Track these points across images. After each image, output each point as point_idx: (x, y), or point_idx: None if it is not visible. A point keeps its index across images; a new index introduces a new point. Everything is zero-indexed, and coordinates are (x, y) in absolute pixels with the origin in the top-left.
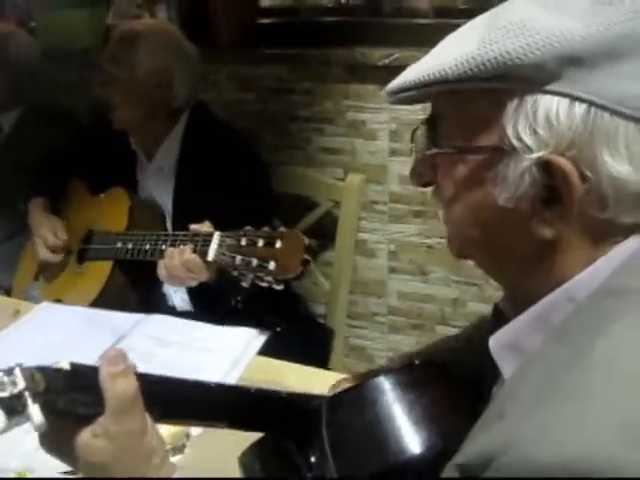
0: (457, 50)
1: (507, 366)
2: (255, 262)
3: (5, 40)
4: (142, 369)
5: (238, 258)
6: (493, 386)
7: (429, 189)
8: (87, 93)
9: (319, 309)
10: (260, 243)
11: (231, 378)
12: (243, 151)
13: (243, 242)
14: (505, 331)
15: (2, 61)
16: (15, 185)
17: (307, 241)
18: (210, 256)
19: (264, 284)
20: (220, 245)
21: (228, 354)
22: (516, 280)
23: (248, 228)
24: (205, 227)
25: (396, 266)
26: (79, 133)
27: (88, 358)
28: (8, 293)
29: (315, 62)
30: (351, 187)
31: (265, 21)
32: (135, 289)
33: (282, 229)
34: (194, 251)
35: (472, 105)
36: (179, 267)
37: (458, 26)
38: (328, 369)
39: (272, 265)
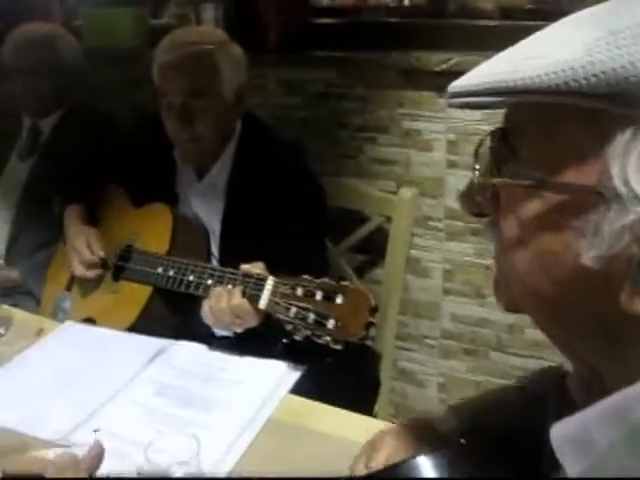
0: (554, 52)
1: (571, 463)
2: (312, 317)
3: (48, 41)
4: (160, 404)
5: (293, 310)
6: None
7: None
8: (130, 95)
9: None
10: (318, 296)
11: (259, 418)
12: (298, 168)
13: (299, 292)
14: (571, 422)
15: (44, 63)
16: (52, 191)
17: (373, 302)
18: (262, 303)
19: (320, 342)
20: (273, 292)
21: (257, 390)
22: (589, 358)
23: (305, 276)
24: (257, 268)
25: (450, 287)
26: (120, 138)
27: (108, 386)
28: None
29: (368, 66)
30: (404, 201)
31: (319, 21)
32: (174, 315)
33: (345, 283)
34: (243, 294)
35: (565, 127)
36: (226, 311)
37: (525, 28)
38: (375, 394)
39: (331, 323)
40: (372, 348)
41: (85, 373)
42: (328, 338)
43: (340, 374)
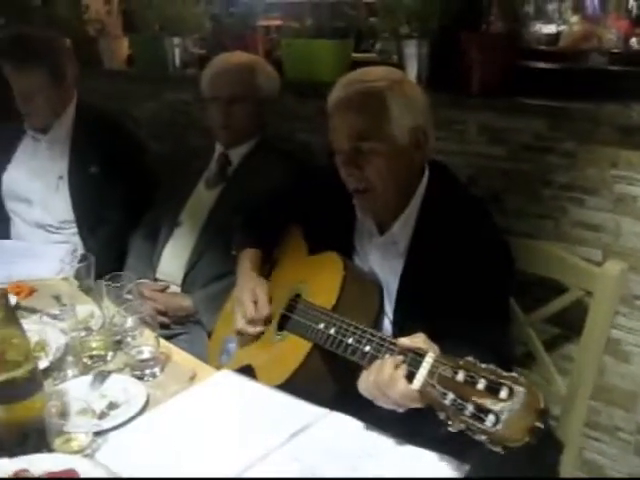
0: None
1: None
2: (470, 409)
3: (245, 71)
4: None
5: (449, 397)
6: None
7: None
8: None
9: (551, 409)
10: (480, 385)
11: None
12: (487, 233)
13: (460, 376)
14: None
15: (240, 93)
16: (232, 229)
17: (543, 404)
18: (415, 384)
19: (476, 438)
20: (431, 372)
21: None
22: None
23: (470, 359)
24: (419, 341)
25: None
26: (306, 178)
27: (245, 456)
28: (209, 335)
29: (581, 119)
30: (610, 275)
31: (531, 65)
32: (335, 377)
33: (514, 375)
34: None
35: None
36: (372, 386)
37: None
38: None
39: (490, 421)
40: (554, 434)
41: (225, 434)
42: (484, 437)
43: (512, 463)
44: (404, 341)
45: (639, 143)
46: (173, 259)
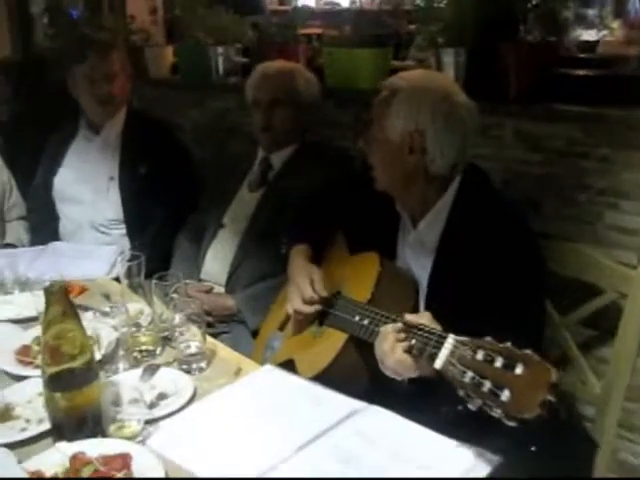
0: None
1: None
2: (488, 386)
3: (287, 77)
4: (341, 472)
5: (469, 375)
6: None
7: None
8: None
9: (586, 410)
10: (498, 362)
11: None
12: (518, 232)
13: (479, 355)
14: None
15: (282, 98)
16: (278, 226)
17: (555, 377)
18: (438, 364)
19: (493, 414)
20: (452, 352)
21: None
22: None
23: (488, 339)
24: (424, 319)
25: None
26: (348, 180)
27: (290, 442)
28: (254, 335)
29: (616, 124)
30: None
31: (567, 72)
32: (366, 367)
33: (528, 352)
34: (410, 349)
35: None
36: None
37: None
38: None
39: (506, 395)
40: (589, 435)
41: (271, 423)
42: (500, 411)
43: (546, 461)
44: (411, 317)
45: None
46: (217, 260)
